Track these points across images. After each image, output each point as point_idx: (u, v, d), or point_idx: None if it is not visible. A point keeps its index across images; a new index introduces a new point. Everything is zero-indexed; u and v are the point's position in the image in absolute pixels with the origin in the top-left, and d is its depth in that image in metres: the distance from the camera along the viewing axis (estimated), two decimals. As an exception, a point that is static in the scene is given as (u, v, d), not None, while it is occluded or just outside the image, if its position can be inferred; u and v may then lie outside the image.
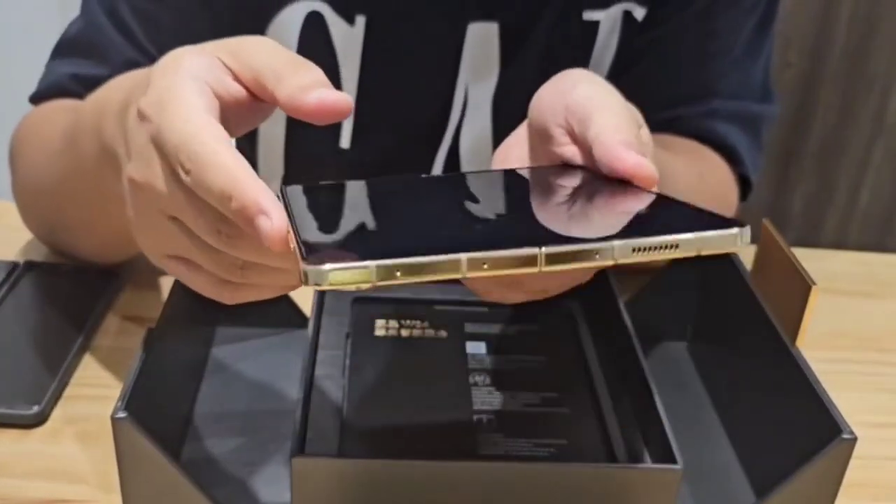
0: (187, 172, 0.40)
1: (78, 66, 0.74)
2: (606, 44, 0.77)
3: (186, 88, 0.42)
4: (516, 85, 0.77)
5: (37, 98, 0.75)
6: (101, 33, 0.73)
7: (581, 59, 0.77)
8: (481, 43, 0.77)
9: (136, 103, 0.44)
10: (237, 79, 0.43)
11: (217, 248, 0.42)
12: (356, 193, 0.45)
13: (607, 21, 0.76)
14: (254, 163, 0.86)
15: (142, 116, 0.42)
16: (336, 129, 0.80)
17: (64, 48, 0.76)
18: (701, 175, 0.76)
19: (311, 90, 0.41)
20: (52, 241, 0.74)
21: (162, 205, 0.42)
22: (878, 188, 2.02)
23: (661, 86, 0.78)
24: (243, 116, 0.45)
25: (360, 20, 0.75)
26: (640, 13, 0.76)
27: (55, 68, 0.75)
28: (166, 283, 0.53)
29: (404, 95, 0.79)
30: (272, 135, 0.82)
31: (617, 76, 0.79)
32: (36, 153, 0.69)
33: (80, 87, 0.72)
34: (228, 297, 0.45)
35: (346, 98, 0.42)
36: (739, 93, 0.78)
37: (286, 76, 0.42)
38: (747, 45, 0.77)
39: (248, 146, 0.85)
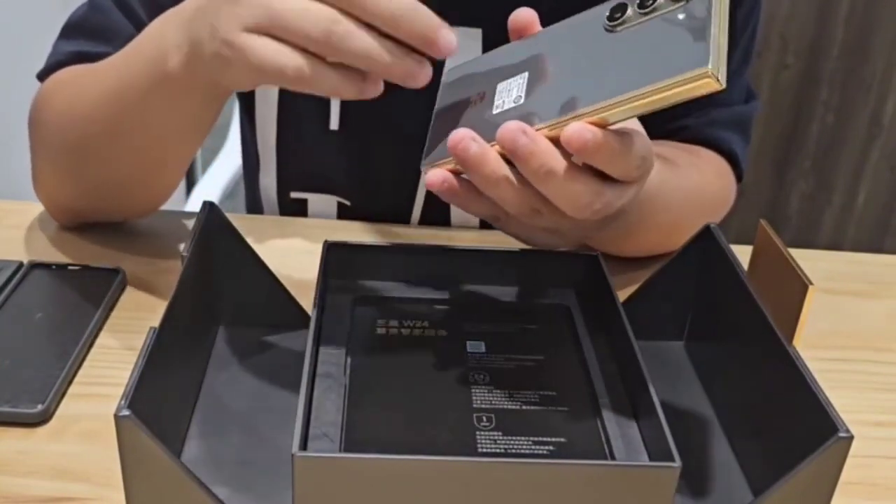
0: None
1: (82, 45, 0.77)
2: None
3: None
4: None
5: (43, 75, 0.77)
6: (106, 15, 0.77)
7: None
8: (463, 48, 0.78)
9: None
10: None
11: (323, 8, 0.50)
12: None
13: None
14: (254, 144, 0.88)
15: None
16: (325, 111, 0.82)
17: (69, 30, 0.79)
18: (710, 170, 0.84)
19: None
20: (85, 201, 0.76)
21: (262, 18, 0.50)
22: (874, 189, 2.02)
23: None
24: None
25: None
26: None
27: (60, 48, 0.78)
28: (170, 283, 0.54)
29: (387, 84, 0.81)
30: (266, 117, 0.84)
31: None
32: (79, 107, 0.71)
33: (85, 63, 0.75)
34: (313, 72, 0.51)
35: None
36: (732, 100, 0.86)
37: None
38: (740, 60, 0.85)
39: (249, 130, 0.87)
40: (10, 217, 0.80)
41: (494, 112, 0.54)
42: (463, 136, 0.51)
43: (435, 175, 0.53)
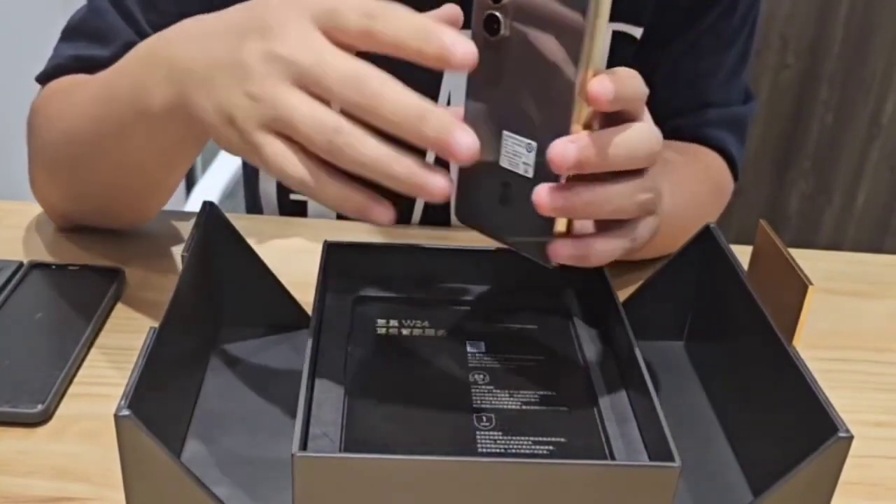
0: (372, 17, 0.48)
1: (80, 48, 0.77)
2: None
3: None
4: None
5: (42, 78, 0.78)
6: (103, 17, 0.77)
7: None
8: None
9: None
10: None
11: (329, 115, 0.48)
12: None
13: None
14: None
15: (295, 1, 0.50)
16: None
17: (69, 32, 0.79)
18: (707, 168, 0.84)
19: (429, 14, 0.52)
20: (77, 208, 0.76)
21: (304, 73, 0.49)
22: (874, 189, 2.02)
23: (661, 102, 0.84)
24: None
25: None
26: (637, 32, 0.81)
27: (60, 51, 0.78)
28: (170, 283, 0.54)
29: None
30: None
31: None
32: (63, 114, 0.71)
33: (82, 67, 0.76)
34: (315, 185, 0.49)
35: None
36: (728, 101, 0.86)
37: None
38: (738, 61, 0.85)
39: None
40: (10, 217, 0.80)
41: (529, 173, 0.51)
42: (545, 196, 0.49)
43: (562, 249, 0.51)
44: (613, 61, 0.82)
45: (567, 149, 0.48)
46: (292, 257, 0.73)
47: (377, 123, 0.48)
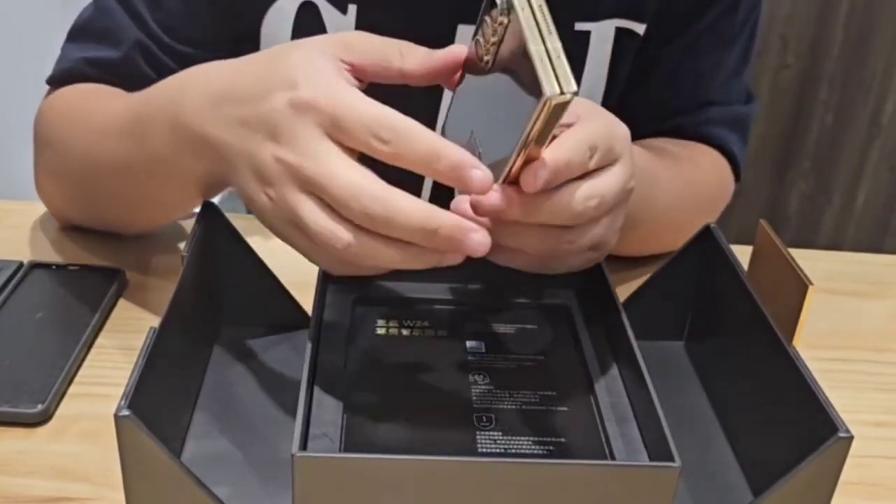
0: (386, 142, 0.48)
1: (90, 50, 0.77)
2: (600, 55, 0.81)
3: (343, 83, 0.51)
4: None
5: (54, 81, 0.77)
6: (111, 17, 0.76)
7: (573, 67, 0.80)
8: None
9: (280, 95, 0.51)
10: (353, 71, 0.53)
11: (340, 225, 0.49)
12: None
13: (598, 32, 0.80)
14: None
15: (302, 106, 0.50)
16: None
17: (77, 33, 0.79)
18: (709, 166, 0.84)
19: (435, 54, 0.54)
20: (81, 215, 0.76)
21: (309, 183, 0.49)
22: (874, 189, 2.02)
23: (663, 101, 0.86)
24: None
25: (352, 9, 0.77)
26: (640, 28, 0.80)
27: (69, 53, 0.78)
28: (170, 283, 0.54)
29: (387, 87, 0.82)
30: None
31: (624, 93, 0.85)
32: (75, 133, 0.71)
33: (94, 70, 0.76)
34: (338, 270, 0.53)
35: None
36: (730, 99, 0.86)
37: (407, 49, 0.54)
38: (739, 61, 0.86)
39: None
40: (10, 217, 0.80)
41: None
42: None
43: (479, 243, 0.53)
44: (616, 58, 0.82)
45: (490, 197, 0.49)
46: (292, 257, 0.73)
47: (387, 234, 0.49)
